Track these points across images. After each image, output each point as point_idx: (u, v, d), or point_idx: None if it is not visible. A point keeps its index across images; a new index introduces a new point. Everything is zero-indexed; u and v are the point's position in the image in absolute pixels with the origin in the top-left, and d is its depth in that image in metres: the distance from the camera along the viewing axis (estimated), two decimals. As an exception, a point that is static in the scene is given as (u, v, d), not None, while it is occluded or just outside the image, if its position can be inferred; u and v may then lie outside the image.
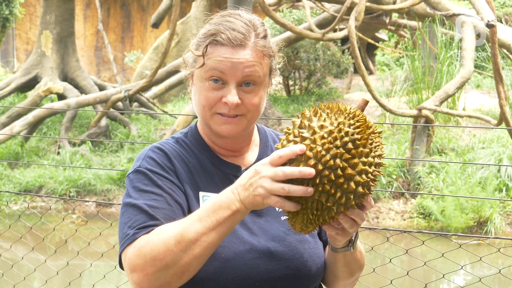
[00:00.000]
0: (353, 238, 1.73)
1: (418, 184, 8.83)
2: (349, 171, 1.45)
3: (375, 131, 1.52)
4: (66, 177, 9.92)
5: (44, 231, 8.14)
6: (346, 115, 1.50)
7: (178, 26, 14.06)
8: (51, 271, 6.07)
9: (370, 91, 8.15)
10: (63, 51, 12.61)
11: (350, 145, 1.45)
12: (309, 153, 1.45)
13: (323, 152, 1.44)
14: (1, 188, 9.65)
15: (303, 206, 1.48)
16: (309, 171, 1.43)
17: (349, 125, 1.48)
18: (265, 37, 1.76)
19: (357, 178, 1.46)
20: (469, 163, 7.19)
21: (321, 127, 1.47)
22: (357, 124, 1.49)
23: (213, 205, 1.55)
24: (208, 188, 1.76)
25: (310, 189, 1.44)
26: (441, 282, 6.59)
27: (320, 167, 1.44)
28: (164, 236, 1.57)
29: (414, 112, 8.60)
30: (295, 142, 1.47)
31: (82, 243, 7.81)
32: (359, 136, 1.47)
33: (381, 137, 1.55)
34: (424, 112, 8.36)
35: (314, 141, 1.45)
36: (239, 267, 1.68)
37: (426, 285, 3.73)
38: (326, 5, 11.70)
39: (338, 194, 1.45)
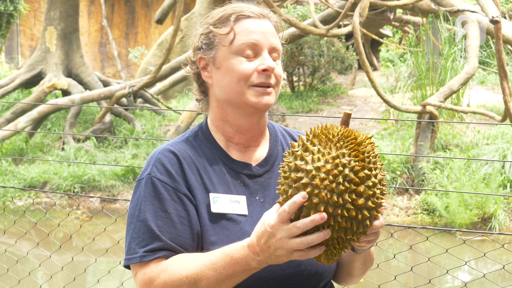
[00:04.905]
0: None
1: (422, 180, 8.82)
2: (359, 201, 1.43)
3: (365, 142, 1.49)
4: (71, 173, 9.93)
5: (49, 227, 8.16)
6: (336, 141, 1.46)
7: (182, 22, 14.05)
8: (55, 266, 6.09)
9: (374, 87, 8.14)
10: (68, 47, 12.63)
11: (351, 175, 1.43)
12: (315, 199, 1.43)
13: (329, 195, 1.42)
14: (6, 184, 9.67)
15: (325, 244, 1.48)
16: (320, 216, 1.42)
17: (343, 155, 1.45)
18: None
19: (368, 204, 1.45)
20: (473, 159, 7.18)
21: (318, 169, 1.44)
22: (350, 146, 1.46)
23: (231, 260, 1.57)
24: (219, 188, 1.75)
25: (327, 232, 1.44)
26: (445, 278, 6.59)
27: (330, 209, 1.42)
28: (177, 277, 1.61)
29: (419, 108, 8.59)
30: (297, 188, 1.45)
31: (87, 238, 7.83)
32: (357, 163, 1.44)
33: (372, 143, 1.50)
34: (429, 108, 8.34)
35: (316, 186, 1.43)
36: None
37: (430, 281, 3.73)
38: (331, 1, 11.68)
39: (355, 226, 1.45)
